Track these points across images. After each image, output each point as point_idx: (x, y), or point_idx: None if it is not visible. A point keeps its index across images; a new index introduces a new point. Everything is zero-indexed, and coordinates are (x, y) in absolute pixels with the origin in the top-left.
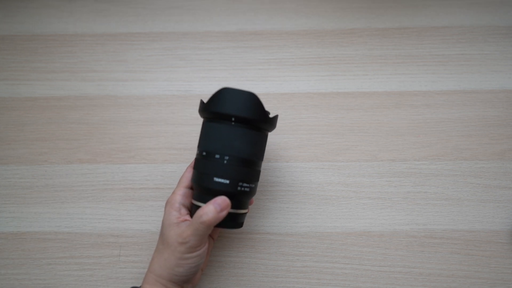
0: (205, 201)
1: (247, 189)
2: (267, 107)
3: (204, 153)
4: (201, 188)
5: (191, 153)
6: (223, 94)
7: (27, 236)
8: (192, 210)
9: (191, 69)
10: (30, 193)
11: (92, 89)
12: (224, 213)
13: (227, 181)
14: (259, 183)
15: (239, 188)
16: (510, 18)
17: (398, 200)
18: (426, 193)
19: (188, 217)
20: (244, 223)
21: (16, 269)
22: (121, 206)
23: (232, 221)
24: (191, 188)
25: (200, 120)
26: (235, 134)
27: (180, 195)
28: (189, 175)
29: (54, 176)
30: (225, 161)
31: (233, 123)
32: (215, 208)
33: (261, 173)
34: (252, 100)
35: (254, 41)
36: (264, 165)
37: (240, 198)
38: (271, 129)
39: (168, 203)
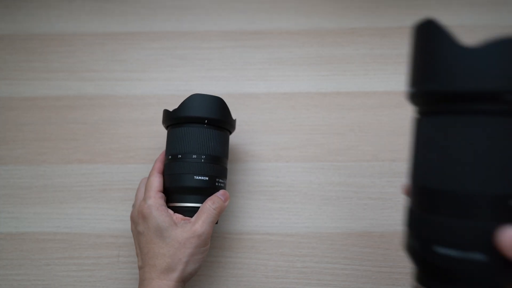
0: (187, 200)
1: (222, 185)
2: (267, 107)
3: (179, 156)
4: (181, 188)
5: None
6: (194, 100)
7: (25, 236)
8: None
9: (191, 68)
10: (29, 194)
11: (91, 88)
12: (227, 203)
13: (206, 178)
14: (260, 183)
15: (216, 183)
16: (511, 17)
17: (399, 201)
18: None
19: (179, 215)
20: (244, 223)
21: (15, 270)
22: (120, 206)
23: None
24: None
25: None
26: (208, 135)
27: (160, 198)
28: (159, 179)
29: (53, 176)
30: (203, 160)
31: (205, 125)
32: (219, 198)
33: (262, 173)
34: (221, 104)
35: (254, 41)
36: (265, 165)
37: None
38: (233, 130)
39: (152, 208)
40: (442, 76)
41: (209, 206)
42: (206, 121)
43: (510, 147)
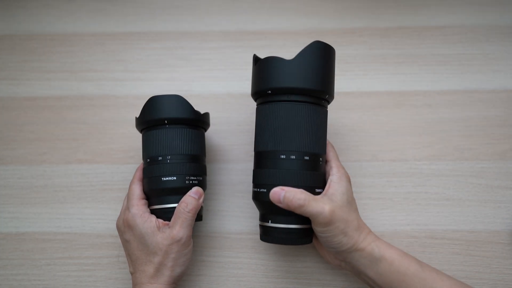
0: (163, 202)
1: (195, 182)
2: None
3: (148, 160)
4: (154, 191)
5: None
6: (151, 103)
7: (26, 236)
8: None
9: (191, 68)
10: (29, 193)
11: (91, 88)
12: (201, 201)
13: (174, 178)
14: None
15: (187, 181)
16: (511, 17)
17: (399, 201)
18: (427, 193)
19: (161, 220)
20: (244, 223)
21: (15, 270)
22: (120, 206)
23: None
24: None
25: None
26: (171, 134)
27: (143, 205)
28: (140, 187)
29: (53, 176)
30: (168, 161)
31: (167, 125)
32: (193, 197)
33: None
34: (179, 102)
35: (254, 41)
36: None
37: None
38: (205, 126)
39: (136, 216)
40: (260, 81)
41: (182, 210)
42: (166, 122)
43: (298, 123)
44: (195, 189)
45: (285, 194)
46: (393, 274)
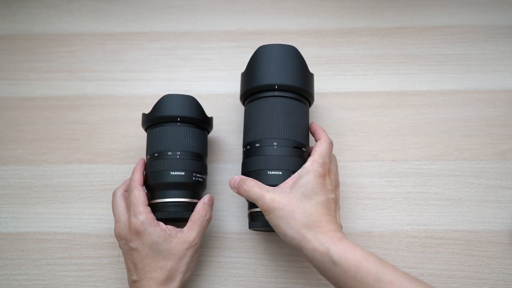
0: (166, 196)
1: (200, 179)
2: None
3: (156, 154)
4: (160, 185)
5: None
6: (166, 100)
7: (26, 236)
8: (153, 208)
9: (191, 69)
10: (29, 194)
11: (91, 89)
12: (212, 207)
13: (183, 173)
14: None
15: (194, 178)
16: (511, 17)
17: (399, 201)
18: (427, 193)
19: (170, 226)
20: (244, 223)
21: (15, 270)
22: None
23: (191, 210)
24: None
25: None
26: (183, 132)
27: (150, 212)
28: (143, 192)
29: (53, 176)
30: (178, 156)
31: (179, 123)
32: (208, 205)
33: None
34: (193, 103)
35: (254, 41)
36: None
37: (196, 188)
38: (210, 128)
39: (146, 224)
40: (244, 83)
41: (202, 218)
42: (178, 119)
43: (280, 115)
44: (209, 196)
45: (238, 181)
46: (349, 280)
